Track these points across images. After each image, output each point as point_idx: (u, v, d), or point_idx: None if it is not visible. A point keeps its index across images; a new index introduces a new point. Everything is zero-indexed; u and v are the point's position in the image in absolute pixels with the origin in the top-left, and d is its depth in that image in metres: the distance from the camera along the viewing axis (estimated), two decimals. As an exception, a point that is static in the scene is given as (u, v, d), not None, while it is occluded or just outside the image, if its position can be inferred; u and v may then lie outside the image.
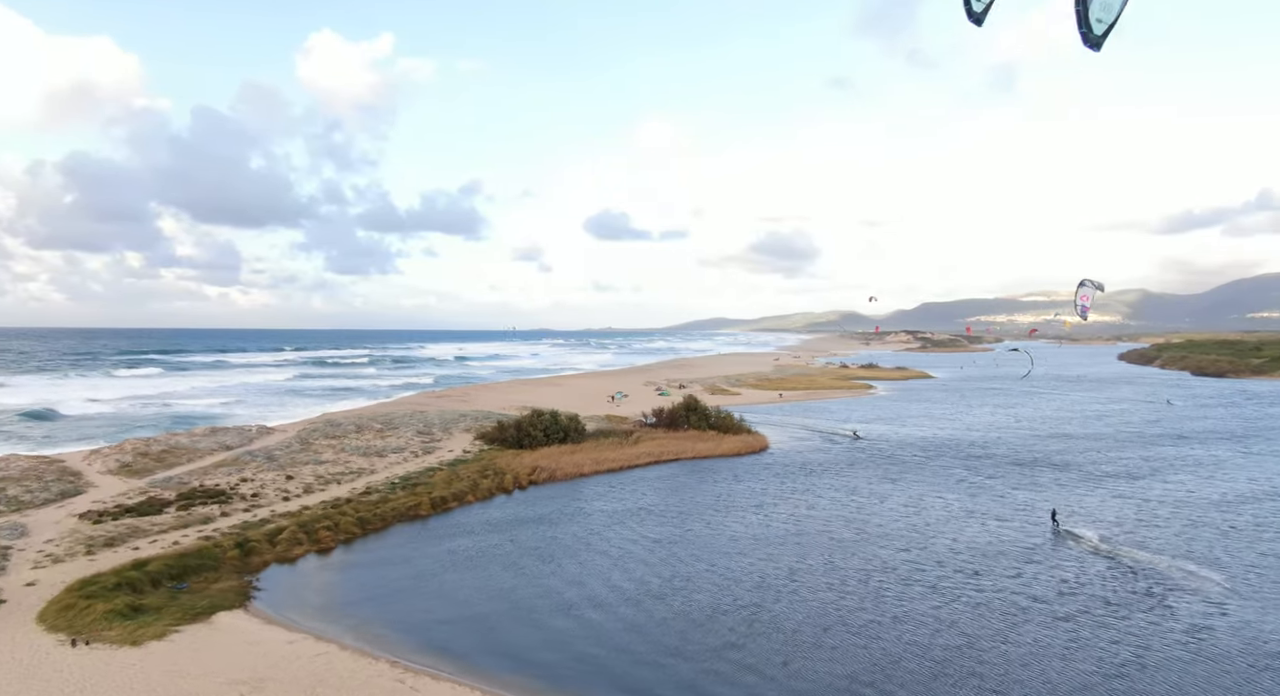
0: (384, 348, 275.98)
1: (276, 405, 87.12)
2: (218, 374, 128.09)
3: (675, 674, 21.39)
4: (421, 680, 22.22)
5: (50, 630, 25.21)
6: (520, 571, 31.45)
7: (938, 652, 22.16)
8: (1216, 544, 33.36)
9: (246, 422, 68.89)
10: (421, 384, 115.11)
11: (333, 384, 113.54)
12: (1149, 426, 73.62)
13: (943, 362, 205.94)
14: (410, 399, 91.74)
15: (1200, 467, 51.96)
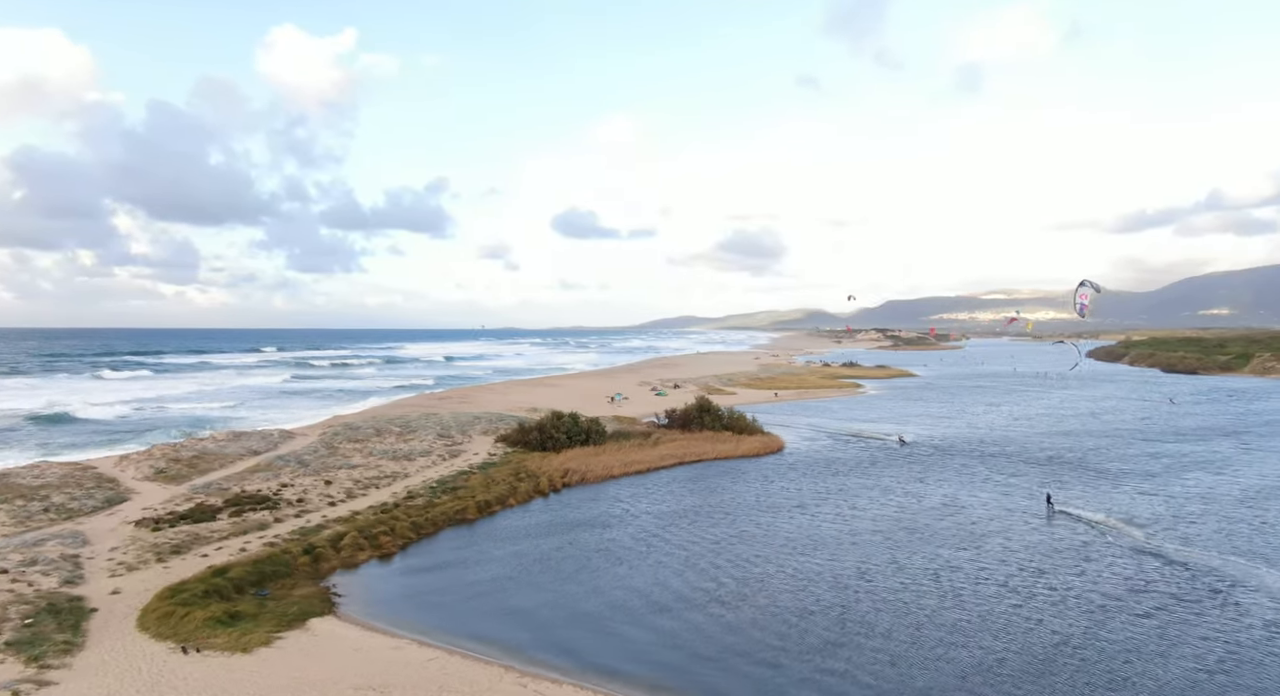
0: (362, 347, 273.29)
1: (280, 408, 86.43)
2: (208, 375, 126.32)
3: (793, 673, 22.15)
4: (542, 684, 22.68)
5: (156, 638, 25.40)
6: (595, 573, 32.09)
7: (1038, 650, 23.17)
8: (1255, 538, 35.09)
9: (256, 426, 68.56)
10: (422, 385, 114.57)
11: (332, 385, 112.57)
12: (1144, 423, 76.06)
13: (919, 360, 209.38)
14: (413, 401, 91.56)
15: (1210, 464, 54.09)
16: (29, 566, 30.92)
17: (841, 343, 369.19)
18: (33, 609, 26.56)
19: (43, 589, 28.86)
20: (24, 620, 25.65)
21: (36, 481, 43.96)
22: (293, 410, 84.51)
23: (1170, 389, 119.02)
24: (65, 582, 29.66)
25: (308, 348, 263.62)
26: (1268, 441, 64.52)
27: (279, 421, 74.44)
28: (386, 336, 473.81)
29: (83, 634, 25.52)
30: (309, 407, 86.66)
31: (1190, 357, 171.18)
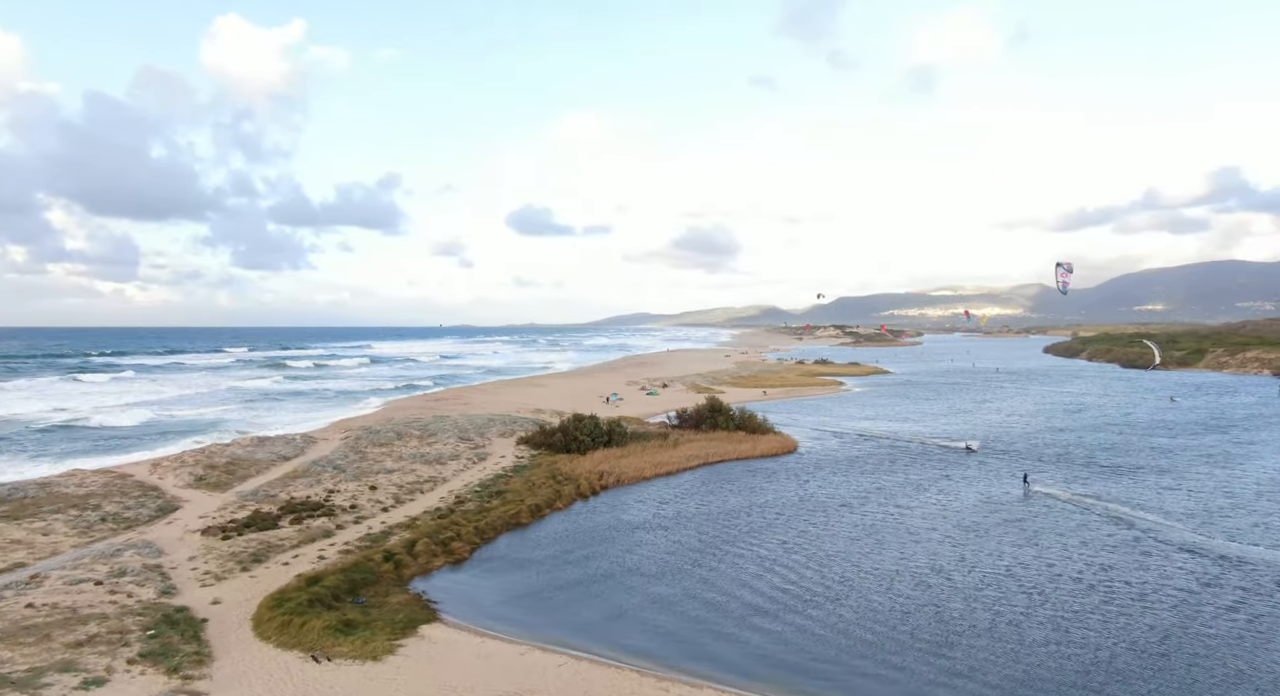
0: (332, 346, 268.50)
1: (281, 410, 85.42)
2: (188, 377, 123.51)
3: (920, 674, 23.14)
4: (682, 689, 23.30)
5: (280, 647, 25.74)
6: (677, 574, 32.92)
7: (1144, 645, 24.62)
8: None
9: (267, 430, 68.05)
10: (421, 386, 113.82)
11: (324, 386, 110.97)
12: (1133, 418, 79.48)
13: (886, 357, 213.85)
14: (413, 402, 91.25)
15: (1211, 458, 57.04)
16: (119, 577, 30.86)
17: (803, 339, 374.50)
18: (147, 620, 26.68)
19: (144, 599, 28.91)
20: (146, 631, 25.80)
21: (81, 490, 43.40)
22: (296, 413, 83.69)
23: (1143, 383, 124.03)
24: (162, 593, 29.72)
25: (277, 347, 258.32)
26: (1253, 434, 67.98)
27: (286, 425, 73.80)
28: (350, 334, 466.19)
29: (205, 644, 25.78)
30: (309, 410, 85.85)
31: (1148, 353, 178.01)
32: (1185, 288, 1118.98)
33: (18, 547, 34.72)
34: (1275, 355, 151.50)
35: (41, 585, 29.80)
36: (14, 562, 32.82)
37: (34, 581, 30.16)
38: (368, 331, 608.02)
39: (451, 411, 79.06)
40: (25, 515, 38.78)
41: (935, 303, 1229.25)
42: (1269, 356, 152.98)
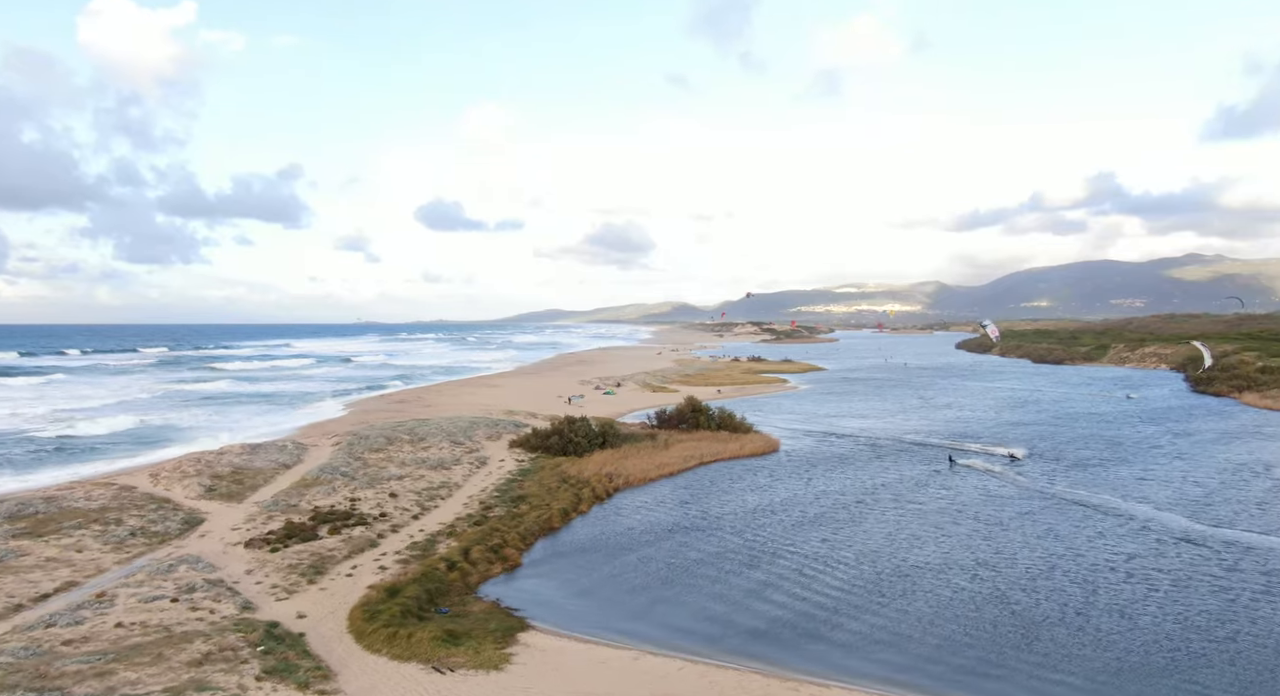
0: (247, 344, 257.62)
1: (243, 413, 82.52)
2: (116, 380, 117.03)
3: (1020, 669, 24.74)
4: (810, 688, 24.04)
5: (395, 659, 25.92)
6: (738, 574, 33.93)
7: (1206, 629, 27.11)
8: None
9: (240, 436, 66.30)
10: (385, 387, 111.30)
11: (279, 389, 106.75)
12: (1079, 411, 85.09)
13: (812, 354, 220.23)
14: (375, 404, 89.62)
15: (1159, 447, 62.01)
16: (190, 594, 30.26)
17: (723, 336, 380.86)
18: (249, 636, 26.43)
19: (228, 615, 28.53)
20: (256, 647, 25.60)
21: (91, 503, 41.72)
22: (258, 415, 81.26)
23: (1061, 377, 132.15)
24: (243, 608, 29.35)
25: (192, 347, 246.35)
26: (1186, 425, 73.94)
27: (257, 429, 71.88)
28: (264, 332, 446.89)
29: (317, 658, 25.76)
30: (273, 413, 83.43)
31: (1057, 349, 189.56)
32: (1066, 286, 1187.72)
33: (58, 566, 33.46)
34: (1170, 350, 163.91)
35: (114, 603, 29.00)
36: (65, 581, 31.71)
37: (103, 599, 29.30)
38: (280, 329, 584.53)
39: (421, 413, 78.34)
40: (48, 532, 37.19)
41: (840, 299, 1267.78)
42: (1165, 351, 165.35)
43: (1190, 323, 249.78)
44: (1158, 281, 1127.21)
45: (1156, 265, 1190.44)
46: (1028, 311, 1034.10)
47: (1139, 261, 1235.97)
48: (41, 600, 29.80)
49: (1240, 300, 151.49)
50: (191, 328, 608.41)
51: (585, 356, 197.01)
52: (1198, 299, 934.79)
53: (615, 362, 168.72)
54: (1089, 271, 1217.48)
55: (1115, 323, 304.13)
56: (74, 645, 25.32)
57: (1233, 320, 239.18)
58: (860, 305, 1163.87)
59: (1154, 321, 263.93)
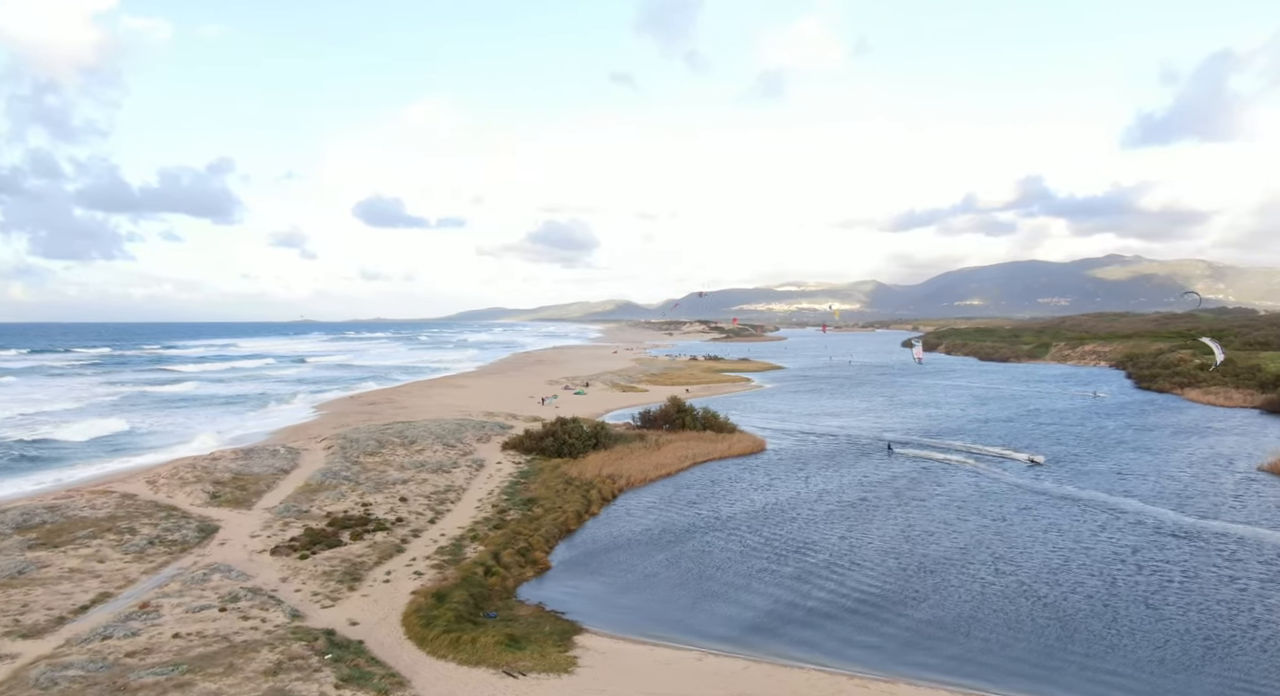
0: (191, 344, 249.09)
1: (210, 415, 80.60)
2: (77, 382, 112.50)
3: (1072, 661, 26.09)
4: (878, 685, 24.79)
5: (462, 664, 26.14)
6: (773, 574, 34.78)
7: (1227, 616, 28.77)
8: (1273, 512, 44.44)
9: (229, 441, 65.00)
10: (344, 388, 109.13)
11: (246, 389, 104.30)
12: (1049, 409, 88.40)
13: (766, 353, 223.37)
14: (347, 406, 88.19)
15: (1124, 442, 64.96)
16: (233, 603, 29.97)
17: (672, 335, 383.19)
18: (312, 644, 26.36)
19: (281, 623, 28.36)
20: (323, 656, 25.59)
21: (97, 512, 40.63)
22: (234, 417, 79.57)
23: (1012, 375, 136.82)
24: (293, 616, 29.17)
25: (135, 347, 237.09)
26: (1141, 419, 77.57)
27: (234, 432, 70.45)
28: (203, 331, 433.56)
29: (385, 665, 25.86)
30: (246, 415, 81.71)
31: (1002, 347, 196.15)
32: (997, 285, 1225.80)
33: (84, 576, 32.67)
34: (1109, 348, 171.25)
35: (161, 614, 28.55)
36: (99, 592, 31.02)
37: (149, 610, 28.82)
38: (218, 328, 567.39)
39: (396, 415, 77.62)
40: (63, 542, 36.20)
41: (781, 298, 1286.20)
42: (1103, 349, 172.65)
43: (1120, 321, 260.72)
44: (1081, 281, 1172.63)
45: (1080, 265, 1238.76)
46: (961, 310, 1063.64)
47: (1064, 261, 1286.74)
48: (81, 612, 29.13)
49: (1198, 295, 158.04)
50: (118, 327, 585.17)
51: (543, 356, 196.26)
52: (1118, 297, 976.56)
53: (575, 362, 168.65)
54: (1018, 271, 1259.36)
55: (1050, 321, 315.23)
56: (138, 657, 24.95)
57: (1159, 319, 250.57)
58: (801, 304, 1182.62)
59: (1087, 320, 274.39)
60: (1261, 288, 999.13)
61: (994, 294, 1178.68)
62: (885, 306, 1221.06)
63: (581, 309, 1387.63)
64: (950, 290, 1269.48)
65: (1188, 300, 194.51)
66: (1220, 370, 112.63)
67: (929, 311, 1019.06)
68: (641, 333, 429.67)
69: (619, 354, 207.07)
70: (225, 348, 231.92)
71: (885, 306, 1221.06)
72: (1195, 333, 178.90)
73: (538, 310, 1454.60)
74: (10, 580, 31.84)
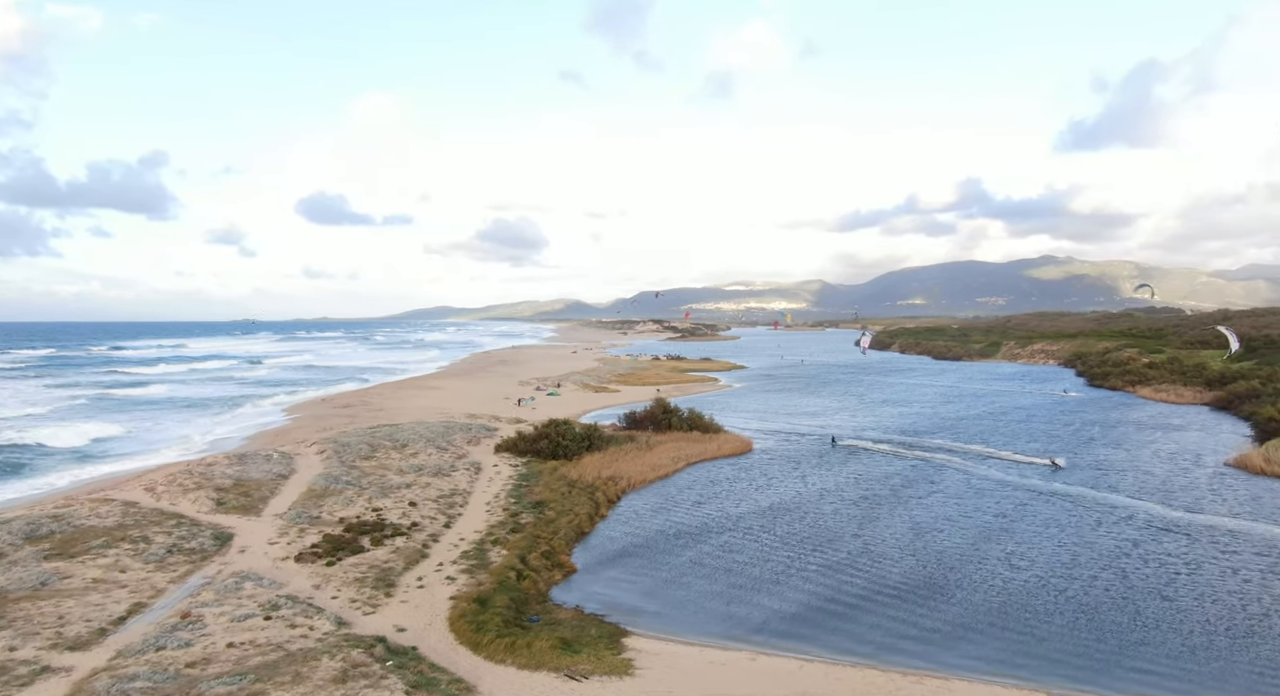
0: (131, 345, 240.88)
1: (180, 418, 78.67)
2: (22, 385, 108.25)
3: (1109, 657, 27.16)
4: (932, 681, 25.53)
5: (523, 668, 26.34)
6: (803, 572, 35.56)
7: (1247, 608, 30.56)
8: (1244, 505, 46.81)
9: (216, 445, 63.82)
10: (314, 390, 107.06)
11: (212, 392, 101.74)
12: (1015, 407, 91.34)
13: (724, 352, 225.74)
14: (321, 409, 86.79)
15: (1094, 440, 67.76)
16: (274, 610, 29.74)
17: (627, 334, 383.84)
18: (370, 652, 26.37)
19: (329, 631, 28.24)
20: (383, 663, 25.64)
21: (104, 521, 39.68)
22: (206, 418, 77.80)
23: (967, 373, 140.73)
24: (338, 624, 29.07)
25: (76, 348, 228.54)
26: (1108, 416, 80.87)
27: (210, 434, 69.04)
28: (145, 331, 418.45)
29: (445, 670, 26.02)
30: (220, 416, 79.96)
31: (955, 346, 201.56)
32: (938, 284, 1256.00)
33: (110, 587, 32.02)
34: (1057, 347, 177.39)
35: (205, 623, 28.21)
36: (132, 603, 30.47)
37: (190, 620, 28.44)
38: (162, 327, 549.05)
39: (374, 417, 76.88)
40: (78, 552, 35.35)
41: (729, 297, 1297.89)
42: (1052, 348, 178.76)
43: (1062, 320, 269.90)
44: (1017, 280, 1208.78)
45: (1016, 265, 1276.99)
46: (904, 309, 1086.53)
47: (1001, 262, 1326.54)
48: (119, 623, 28.63)
49: (1151, 288, 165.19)
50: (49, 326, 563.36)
51: (504, 356, 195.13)
52: (1052, 297, 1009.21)
53: (537, 362, 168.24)
54: (958, 271, 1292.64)
55: (996, 320, 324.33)
56: (199, 667, 24.71)
57: (1099, 319, 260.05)
58: (749, 303, 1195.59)
59: (1030, 319, 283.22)
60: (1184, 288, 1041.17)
61: (935, 293, 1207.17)
62: (831, 305, 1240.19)
63: (531, 308, 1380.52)
64: (893, 289, 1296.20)
65: (1142, 291, 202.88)
66: (1168, 368, 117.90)
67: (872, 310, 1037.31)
68: (595, 332, 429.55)
69: (578, 354, 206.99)
70: (176, 348, 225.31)
71: (831, 305, 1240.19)
72: (1135, 332, 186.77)
73: (486, 309, 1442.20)
74: (35, 592, 31.10)
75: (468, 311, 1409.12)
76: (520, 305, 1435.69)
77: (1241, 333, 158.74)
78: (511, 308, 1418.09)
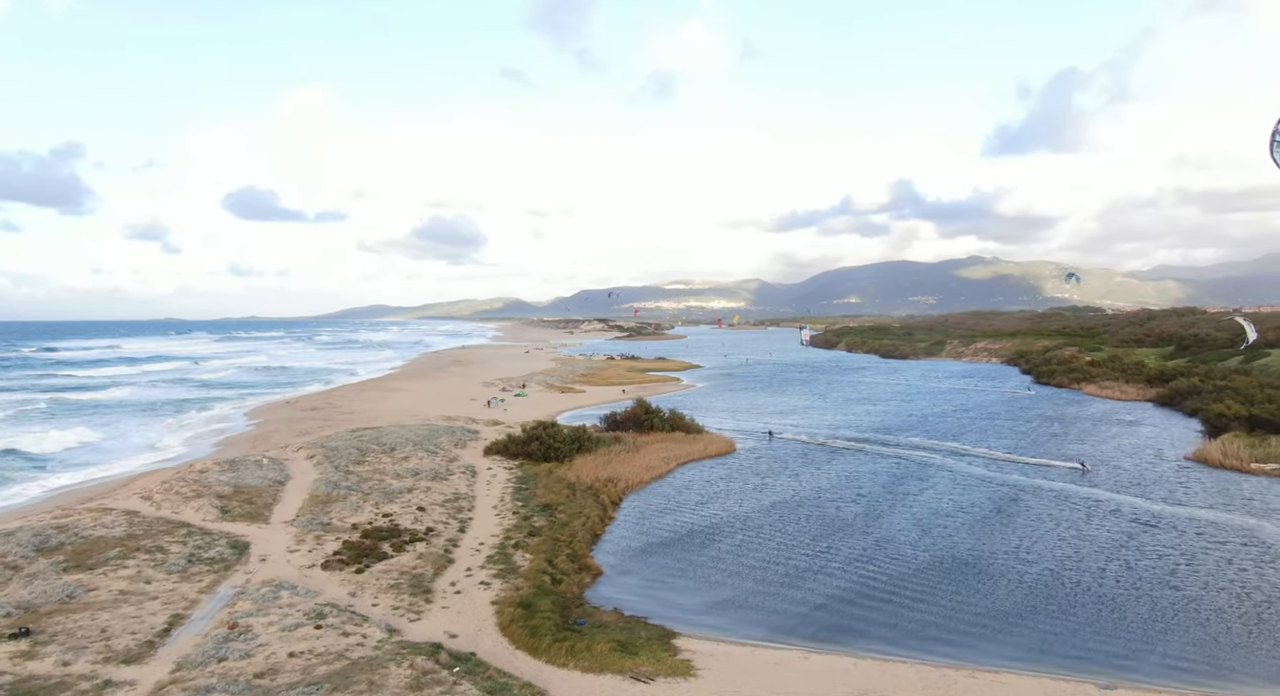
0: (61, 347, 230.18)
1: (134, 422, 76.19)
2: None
3: (1138, 648, 28.81)
4: (984, 676, 26.37)
5: (587, 672, 26.65)
6: (830, 573, 36.38)
7: (1268, 599, 32.60)
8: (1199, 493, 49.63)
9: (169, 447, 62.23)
10: (274, 392, 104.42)
11: (160, 395, 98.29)
12: (978, 405, 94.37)
13: (675, 351, 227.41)
14: (286, 412, 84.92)
15: (1060, 437, 70.55)
16: (320, 619, 29.51)
17: (574, 333, 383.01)
18: (430, 660, 26.38)
19: (382, 638, 28.20)
20: (450, 670, 25.77)
21: (110, 531, 38.52)
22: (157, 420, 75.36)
23: (921, 371, 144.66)
24: (390, 631, 29.03)
25: (5, 348, 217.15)
26: (1063, 412, 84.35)
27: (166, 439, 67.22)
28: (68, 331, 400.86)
29: (512, 676, 26.22)
30: (183, 422, 77.59)
31: (903, 345, 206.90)
32: (872, 284, 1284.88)
33: (141, 599, 31.27)
34: (1000, 345, 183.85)
35: (255, 633, 27.86)
36: (170, 614, 29.83)
37: (239, 630, 28.03)
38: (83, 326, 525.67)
39: (345, 420, 75.75)
40: (95, 563, 34.36)
41: (670, 295, 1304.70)
42: (994, 346, 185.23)
43: (998, 319, 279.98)
44: (947, 280, 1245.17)
45: (946, 265, 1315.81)
46: (840, 308, 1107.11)
47: (931, 262, 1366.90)
48: (164, 635, 28.04)
49: (1078, 277, 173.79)
50: None
51: (457, 356, 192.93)
52: (980, 295, 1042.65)
53: (494, 363, 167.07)
54: (891, 271, 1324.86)
55: (935, 319, 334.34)
56: (268, 677, 24.49)
57: (1033, 318, 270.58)
58: (689, 301, 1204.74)
59: (968, 318, 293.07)
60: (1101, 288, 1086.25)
61: (870, 292, 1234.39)
62: (769, 304, 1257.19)
63: (469, 307, 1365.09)
64: (829, 288, 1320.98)
65: (1071, 283, 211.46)
66: (1110, 366, 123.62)
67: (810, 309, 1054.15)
68: (540, 331, 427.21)
69: (531, 353, 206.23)
70: (112, 349, 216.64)
71: (769, 304, 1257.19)
72: (1069, 331, 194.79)
73: (423, 308, 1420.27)
74: (64, 605, 30.23)
75: (404, 310, 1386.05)
76: (459, 304, 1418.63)
77: (1168, 332, 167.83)
78: (450, 306, 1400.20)
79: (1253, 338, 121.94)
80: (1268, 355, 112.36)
